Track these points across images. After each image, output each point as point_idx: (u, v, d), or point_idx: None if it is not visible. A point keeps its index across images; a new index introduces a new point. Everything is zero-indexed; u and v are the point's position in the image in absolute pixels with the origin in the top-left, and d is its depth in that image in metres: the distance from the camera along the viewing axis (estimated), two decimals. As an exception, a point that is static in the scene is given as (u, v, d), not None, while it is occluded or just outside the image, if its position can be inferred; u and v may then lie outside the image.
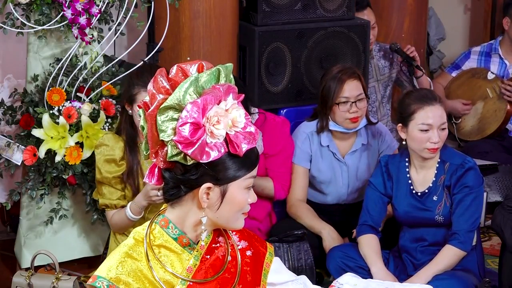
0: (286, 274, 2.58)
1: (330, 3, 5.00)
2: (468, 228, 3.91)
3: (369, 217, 4.10)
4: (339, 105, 4.34)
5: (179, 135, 2.19)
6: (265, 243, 2.55)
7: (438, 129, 3.91)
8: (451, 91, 5.86)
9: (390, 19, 5.53)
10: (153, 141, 2.26)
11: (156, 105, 2.23)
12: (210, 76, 2.27)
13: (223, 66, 2.30)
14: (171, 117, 2.22)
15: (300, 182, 4.52)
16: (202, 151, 2.22)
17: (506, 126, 5.70)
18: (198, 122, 2.20)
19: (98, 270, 2.31)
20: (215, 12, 4.73)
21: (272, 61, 4.88)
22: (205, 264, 2.38)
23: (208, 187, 2.28)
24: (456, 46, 6.75)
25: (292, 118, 4.79)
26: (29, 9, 4.19)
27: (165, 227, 2.36)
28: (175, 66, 2.29)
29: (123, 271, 2.28)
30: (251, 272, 2.45)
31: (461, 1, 6.90)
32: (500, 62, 5.81)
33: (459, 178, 3.96)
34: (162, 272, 2.32)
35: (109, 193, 3.91)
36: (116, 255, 2.31)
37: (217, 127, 2.22)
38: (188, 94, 2.23)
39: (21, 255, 4.46)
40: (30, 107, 4.25)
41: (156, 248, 2.34)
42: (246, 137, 2.27)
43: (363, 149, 4.51)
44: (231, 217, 2.35)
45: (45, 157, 4.22)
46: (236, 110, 2.26)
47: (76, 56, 4.30)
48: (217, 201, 2.30)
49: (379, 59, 5.40)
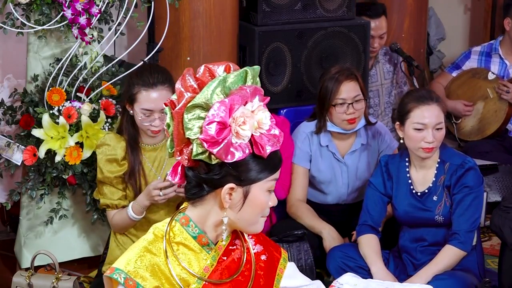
0: (301, 278, 2.59)
1: (330, 3, 5.00)
2: (468, 228, 3.92)
3: (369, 217, 4.10)
4: (336, 107, 4.33)
5: (205, 134, 2.21)
6: (279, 249, 2.56)
7: (433, 129, 3.91)
8: (451, 91, 5.86)
9: (390, 19, 5.52)
10: (179, 139, 2.27)
11: (184, 103, 2.25)
12: (238, 77, 2.28)
13: (251, 68, 2.31)
14: (198, 115, 2.23)
15: (300, 182, 4.52)
16: (227, 150, 2.23)
17: (506, 126, 5.70)
18: (224, 121, 2.21)
19: (116, 262, 2.32)
20: (215, 12, 4.73)
21: (272, 61, 4.89)
22: (221, 265, 2.39)
23: (231, 187, 2.29)
24: (456, 46, 6.75)
25: (292, 118, 4.79)
26: (29, 9, 4.19)
27: (185, 225, 2.36)
28: (202, 66, 2.30)
29: (141, 265, 2.29)
30: (265, 276, 2.46)
31: (461, 1, 6.90)
32: (501, 62, 5.81)
33: (459, 178, 3.96)
34: (179, 269, 2.33)
35: (110, 193, 3.91)
36: (135, 249, 2.33)
37: (243, 128, 2.23)
38: (215, 94, 2.24)
39: (21, 255, 4.46)
40: (30, 107, 4.25)
41: (175, 245, 2.35)
42: (270, 139, 2.29)
43: (362, 149, 4.51)
44: (252, 219, 2.35)
45: (45, 157, 4.22)
46: (262, 112, 2.28)
47: (76, 56, 4.30)
48: (239, 202, 2.31)
49: (385, 63, 5.41)
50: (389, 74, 5.41)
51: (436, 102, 3.94)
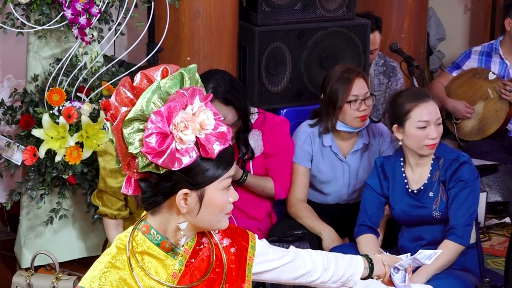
0: (272, 253, 2.56)
1: (330, 3, 5.00)
2: (465, 222, 3.92)
3: (367, 217, 4.11)
4: (350, 104, 4.33)
5: (147, 147, 2.16)
6: (247, 235, 2.52)
7: (435, 125, 3.93)
8: (451, 90, 5.86)
9: (390, 19, 5.53)
10: (123, 154, 2.23)
11: (120, 118, 2.21)
12: (174, 80, 2.23)
13: (186, 68, 2.26)
14: (137, 128, 2.19)
15: (301, 182, 4.52)
16: (173, 158, 2.19)
17: (507, 126, 5.70)
18: (164, 131, 2.17)
19: (81, 280, 2.29)
20: (215, 12, 4.73)
21: (272, 61, 4.89)
22: (190, 268, 2.36)
23: (185, 193, 2.25)
24: (456, 46, 6.75)
25: (292, 118, 4.79)
26: (29, 9, 4.19)
27: (147, 233, 2.33)
28: (138, 73, 2.26)
29: (106, 281, 2.25)
30: (236, 268, 2.44)
31: (461, 1, 6.90)
32: (501, 62, 5.81)
33: (454, 172, 3.97)
34: (147, 280, 2.29)
35: (110, 203, 3.89)
36: (99, 265, 2.29)
37: (185, 133, 2.18)
38: (152, 103, 2.19)
39: (21, 255, 4.46)
40: (30, 107, 4.25)
41: (139, 255, 2.31)
42: (217, 138, 2.24)
43: (364, 149, 4.51)
44: (213, 220, 2.32)
45: (45, 157, 4.21)
46: (203, 112, 2.22)
47: (76, 56, 4.30)
48: (195, 206, 2.27)
49: (378, 75, 5.40)
50: (381, 86, 5.40)
51: (432, 99, 3.98)
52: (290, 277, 2.60)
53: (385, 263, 2.79)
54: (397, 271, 2.84)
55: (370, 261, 2.75)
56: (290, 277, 2.60)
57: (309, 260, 2.62)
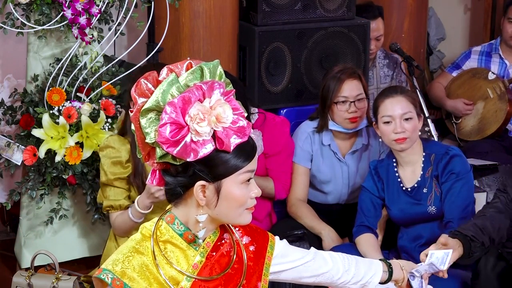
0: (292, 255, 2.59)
1: (330, 3, 5.01)
2: (460, 215, 3.92)
3: (364, 218, 4.12)
4: (338, 105, 4.34)
5: (160, 136, 2.20)
6: (267, 236, 2.55)
7: (401, 120, 3.95)
8: (451, 90, 5.86)
9: (390, 19, 5.53)
10: (143, 143, 2.28)
11: (138, 108, 2.25)
12: (194, 74, 2.28)
13: (207, 63, 2.30)
14: (154, 119, 2.24)
15: (301, 181, 4.52)
16: (188, 150, 2.22)
17: (506, 126, 5.70)
18: (178, 121, 2.20)
19: (105, 263, 2.33)
20: (215, 12, 4.73)
21: (272, 61, 4.89)
22: (211, 261, 2.39)
23: (202, 185, 2.28)
24: (456, 46, 6.75)
25: (292, 118, 4.79)
26: (29, 9, 4.20)
27: (171, 223, 2.37)
28: (164, 67, 2.30)
29: (129, 265, 2.30)
30: (254, 266, 2.47)
31: (461, 1, 6.90)
32: (501, 62, 5.81)
33: (445, 166, 3.99)
34: (168, 268, 2.34)
35: (114, 194, 3.89)
36: (124, 249, 2.34)
37: (200, 125, 2.22)
38: (169, 95, 2.23)
39: (21, 255, 4.46)
40: (30, 107, 4.25)
41: (162, 244, 2.36)
42: (236, 132, 2.26)
43: (363, 149, 4.51)
44: (232, 214, 2.35)
45: (45, 157, 4.22)
46: (220, 106, 2.25)
47: (76, 56, 4.30)
48: (213, 198, 2.31)
49: (382, 67, 5.41)
50: (386, 78, 5.41)
51: (401, 94, 4.00)
52: (311, 276, 2.63)
53: (403, 268, 2.81)
54: (413, 278, 2.85)
55: (389, 265, 2.77)
56: (311, 276, 2.63)
57: (330, 260, 2.65)
